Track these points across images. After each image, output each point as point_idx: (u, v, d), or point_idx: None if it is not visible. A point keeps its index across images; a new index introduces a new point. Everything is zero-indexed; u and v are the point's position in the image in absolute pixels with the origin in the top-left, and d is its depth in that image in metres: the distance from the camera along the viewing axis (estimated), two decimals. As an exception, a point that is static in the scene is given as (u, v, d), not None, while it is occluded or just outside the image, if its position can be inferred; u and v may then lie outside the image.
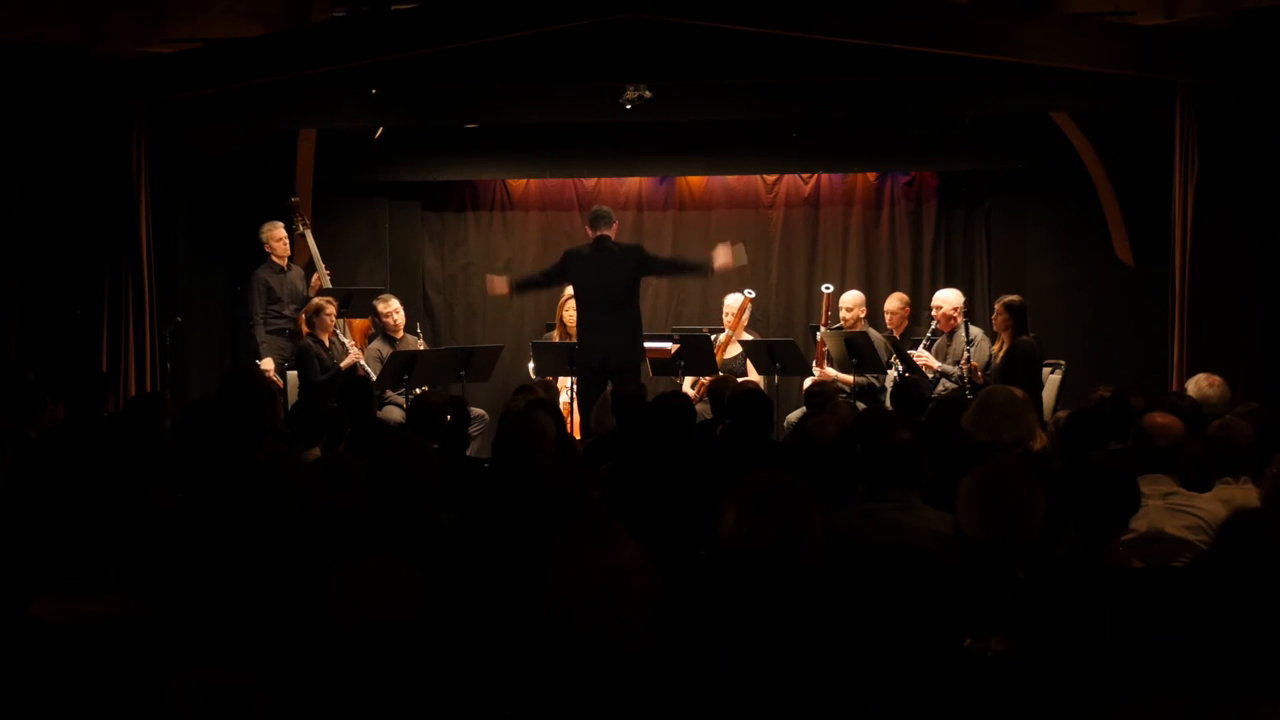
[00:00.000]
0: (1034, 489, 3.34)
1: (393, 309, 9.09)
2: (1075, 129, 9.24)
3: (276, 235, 9.13)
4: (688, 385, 8.75)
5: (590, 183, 10.79)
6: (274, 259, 9.10)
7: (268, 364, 8.74)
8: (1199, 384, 6.51)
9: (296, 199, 9.49)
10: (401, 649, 2.56)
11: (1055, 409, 7.89)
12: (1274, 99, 7.88)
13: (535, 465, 4.30)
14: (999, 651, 2.13)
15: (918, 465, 4.05)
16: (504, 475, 4.44)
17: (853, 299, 9.13)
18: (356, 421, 5.85)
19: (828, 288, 9.14)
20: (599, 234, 8.09)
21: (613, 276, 8.02)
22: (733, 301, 9.28)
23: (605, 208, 8.37)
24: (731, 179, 10.71)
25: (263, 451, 5.04)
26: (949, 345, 8.57)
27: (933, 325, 8.76)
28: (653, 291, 10.29)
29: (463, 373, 8.29)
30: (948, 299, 8.71)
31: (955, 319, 8.59)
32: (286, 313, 9.01)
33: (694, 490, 3.82)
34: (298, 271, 9.27)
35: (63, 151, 8.24)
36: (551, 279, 8.47)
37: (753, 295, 9.27)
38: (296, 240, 9.29)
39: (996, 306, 8.06)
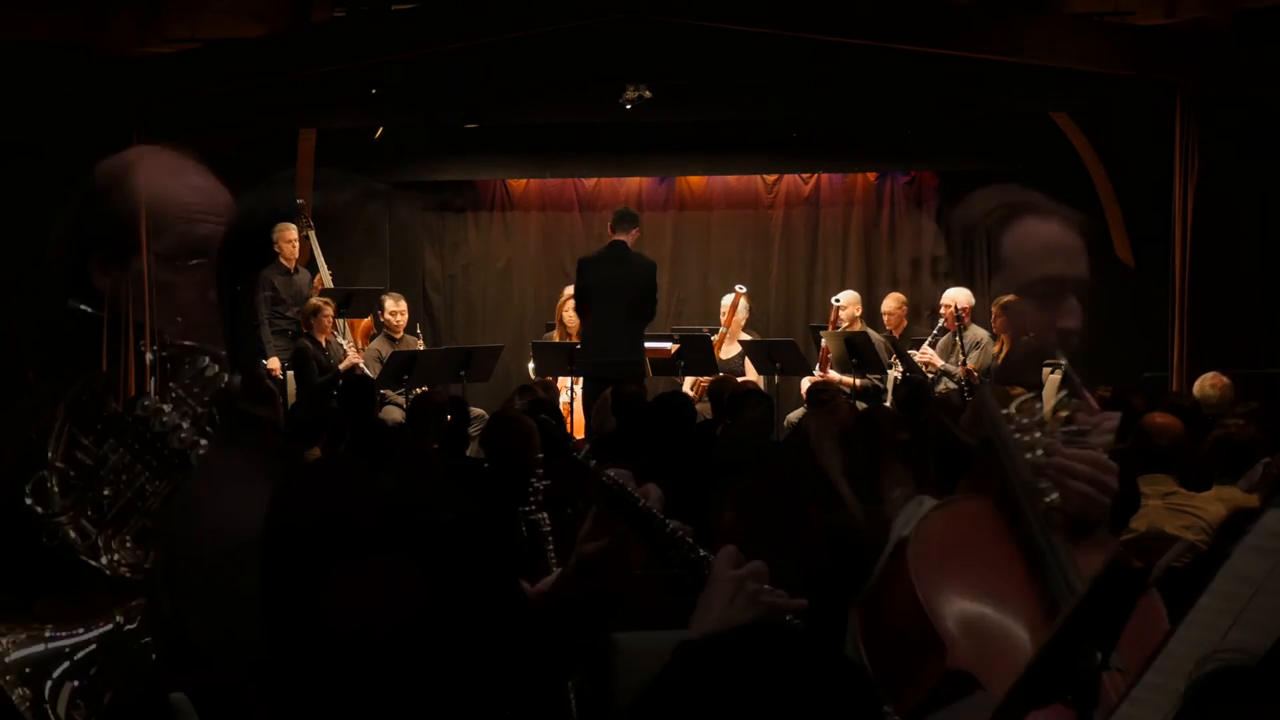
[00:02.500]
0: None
1: (401, 308, 9.08)
2: (1075, 129, 9.24)
3: (287, 237, 9.10)
4: (688, 385, 8.74)
5: (590, 183, 10.79)
6: (281, 260, 9.07)
7: (273, 364, 8.73)
8: (1202, 384, 6.52)
9: (301, 201, 9.49)
10: (401, 649, 2.56)
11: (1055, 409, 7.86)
12: (1274, 99, 7.89)
13: (524, 465, 4.29)
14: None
15: (918, 465, 4.04)
16: (499, 475, 4.44)
17: (847, 298, 9.11)
18: (356, 421, 5.85)
19: (838, 300, 9.12)
20: (616, 238, 7.94)
21: (627, 283, 7.83)
22: (726, 301, 9.27)
23: (631, 210, 8.24)
24: (731, 179, 10.71)
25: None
26: (954, 343, 8.55)
27: (939, 323, 8.74)
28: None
29: (463, 373, 8.27)
30: (956, 298, 8.67)
31: (964, 318, 8.56)
32: (290, 314, 8.99)
33: (694, 490, 3.81)
34: (304, 275, 9.24)
35: (63, 151, 8.23)
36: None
37: (744, 290, 9.24)
38: (300, 242, 9.29)
39: (994, 309, 8.05)
